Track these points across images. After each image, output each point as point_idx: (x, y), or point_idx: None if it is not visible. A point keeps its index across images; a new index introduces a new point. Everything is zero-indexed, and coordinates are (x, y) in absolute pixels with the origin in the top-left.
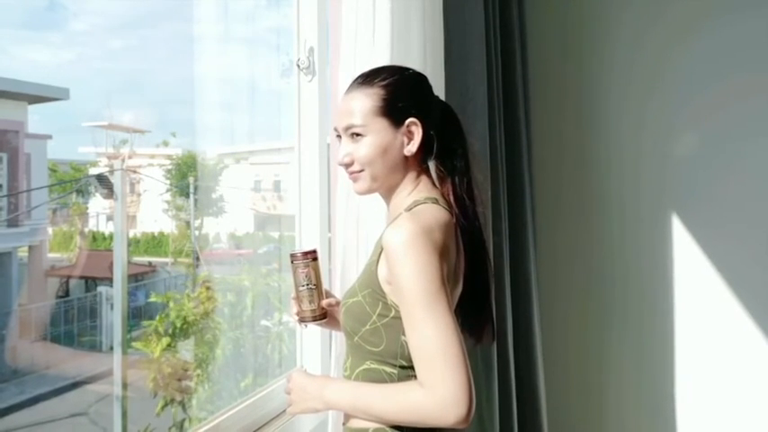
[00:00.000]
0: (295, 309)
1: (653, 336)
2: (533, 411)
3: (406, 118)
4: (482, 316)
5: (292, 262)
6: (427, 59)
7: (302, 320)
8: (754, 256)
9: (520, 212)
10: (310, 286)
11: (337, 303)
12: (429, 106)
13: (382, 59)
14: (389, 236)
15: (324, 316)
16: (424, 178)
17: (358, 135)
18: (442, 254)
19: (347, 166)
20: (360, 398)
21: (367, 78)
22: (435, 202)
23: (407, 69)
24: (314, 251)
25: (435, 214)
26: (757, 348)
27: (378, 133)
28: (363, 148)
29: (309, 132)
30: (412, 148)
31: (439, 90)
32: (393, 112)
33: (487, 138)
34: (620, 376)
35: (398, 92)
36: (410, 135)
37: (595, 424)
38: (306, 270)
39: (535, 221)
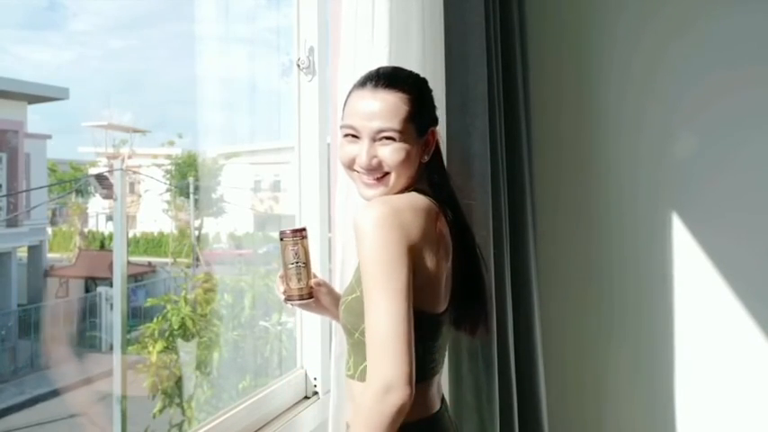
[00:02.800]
0: (282, 287)
1: (653, 334)
2: (534, 410)
3: (429, 126)
4: (475, 309)
5: (282, 240)
6: (427, 59)
7: (289, 299)
8: (753, 251)
9: (520, 211)
10: (299, 264)
11: (324, 285)
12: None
13: (382, 59)
14: (357, 217)
15: (310, 295)
16: (421, 181)
17: (389, 138)
18: (409, 233)
19: (372, 169)
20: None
21: (392, 80)
22: (420, 192)
23: (419, 74)
24: (303, 229)
25: (411, 199)
26: (756, 345)
27: (408, 139)
28: (394, 154)
29: (309, 132)
30: (427, 156)
31: (439, 90)
32: (421, 119)
33: (488, 137)
34: (621, 375)
35: (425, 99)
36: (428, 142)
37: (596, 422)
38: (295, 248)
39: (535, 220)
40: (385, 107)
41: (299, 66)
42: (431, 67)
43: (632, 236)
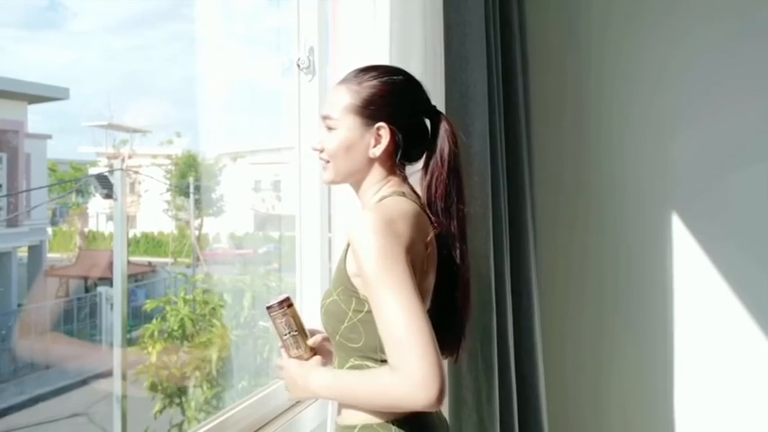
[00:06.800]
0: (285, 356)
1: (653, 336)
2: (534, 410)
3: (378, 121)
4: (450, 334)
5: (270, 314)
6: (427, 59)
7: None
8: (754, 252)
9: (520, 212)
10: (293, 333)
11: (324, 339)
12: (408, 113)
13: (381, 59)
14: (352, 227)
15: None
16: (393, 178)
17: (329, 126)
18: (404, 241)
19: (317, 151)
20: (339, 385)
21: (358, 74)
22: (402, 195)
23: (399, 73)
24: (287, 298)
25: (399, 206)
26: (757, 347)
27: (347, 130)
28: (331, 141)
29: (309, 132)
30: (376, 151)
31: (439, 90)
32: (366, 112)
33: (487, 137)
34: (621, 374)
35: (378, 94)
36: (378, 138)
37: (596, 422)
38: (284, 319)
39: (535, 221)
40: (332, 96)
41: (299, 66)
42: (431, 67)
43: (632, 237)
